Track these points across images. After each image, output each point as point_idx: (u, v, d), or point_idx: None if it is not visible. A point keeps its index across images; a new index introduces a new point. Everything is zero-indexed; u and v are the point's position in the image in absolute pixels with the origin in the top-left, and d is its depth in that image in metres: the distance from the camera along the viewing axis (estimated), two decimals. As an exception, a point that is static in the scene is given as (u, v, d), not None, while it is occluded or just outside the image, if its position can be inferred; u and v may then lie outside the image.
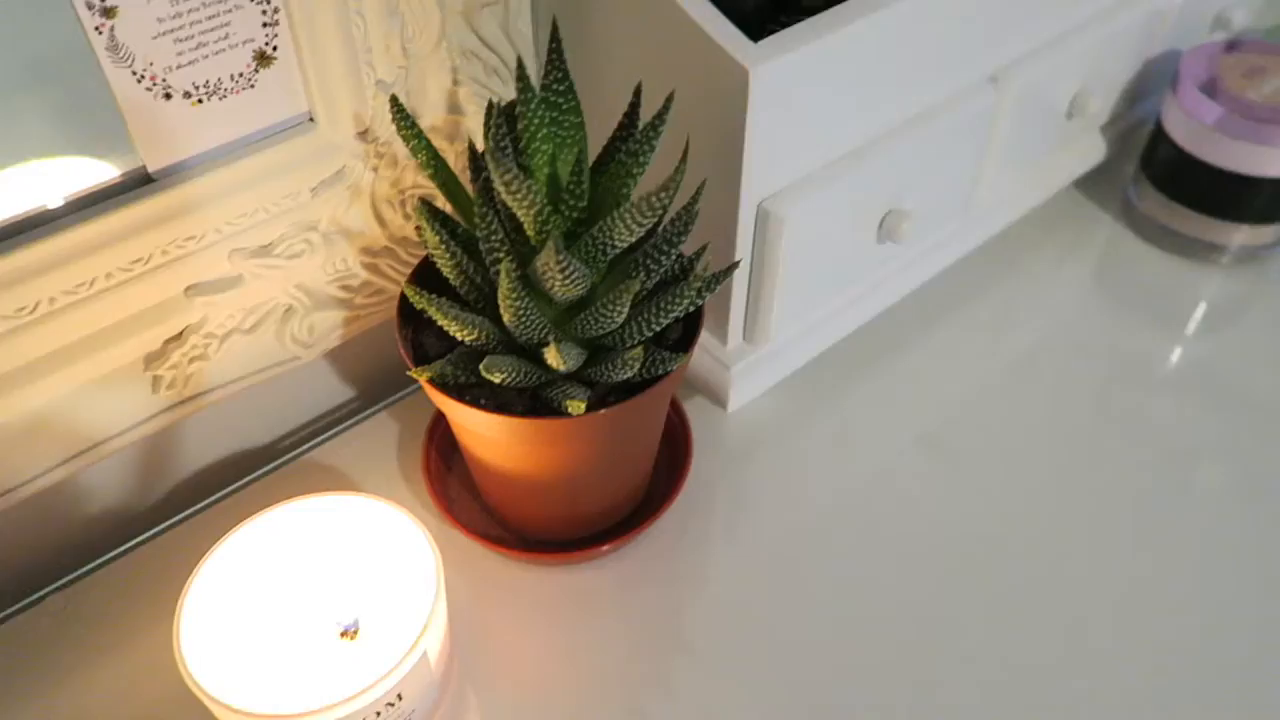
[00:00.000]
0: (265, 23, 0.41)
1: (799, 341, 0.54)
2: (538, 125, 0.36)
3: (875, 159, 0.48)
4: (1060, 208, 0.67)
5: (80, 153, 0.40)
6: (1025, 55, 0.54)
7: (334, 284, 0.49)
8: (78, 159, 0.40)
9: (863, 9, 0.43)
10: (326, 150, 0.45)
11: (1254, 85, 0.59)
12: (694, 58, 0.42)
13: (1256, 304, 0.62)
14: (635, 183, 0.37)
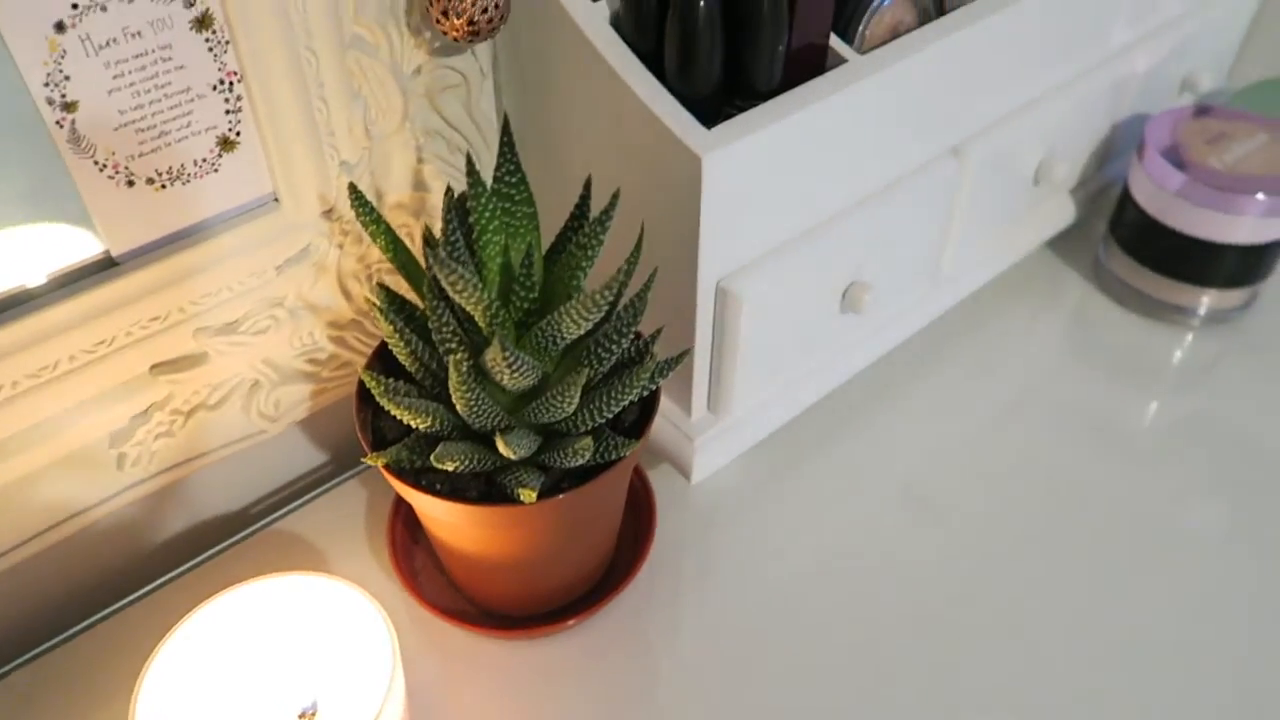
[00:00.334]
0: (228, 110, 0.42)
1: (765, 410, 0.54)
2: (489, 217, 0.37)
3: (835, 233, 0.49)
4: (1031, 268, 0.67)
5: (43, 239, 0.41)
6: (988, 126, 0.55)
7: (300, 358, 0.50)
8: (40, 245, 0.40)
9: (816, 94, 0.44)
10: (291, 229, 0.46)
11: (1217, 152, 0.59)
12: (649, 142, 0.42)
13: (1226, 365, 0.62)
14: (585, 274, 0.38)
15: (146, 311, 0.43)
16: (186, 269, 0.43)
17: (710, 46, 0.42)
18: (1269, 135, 0.61)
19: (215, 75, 0.41)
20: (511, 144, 0.37)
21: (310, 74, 0.42)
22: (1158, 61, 0.64)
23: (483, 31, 0.41)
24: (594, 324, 0.36)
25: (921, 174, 0.52)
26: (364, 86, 0.44)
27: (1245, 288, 0.62)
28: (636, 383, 0.38)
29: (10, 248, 0.39)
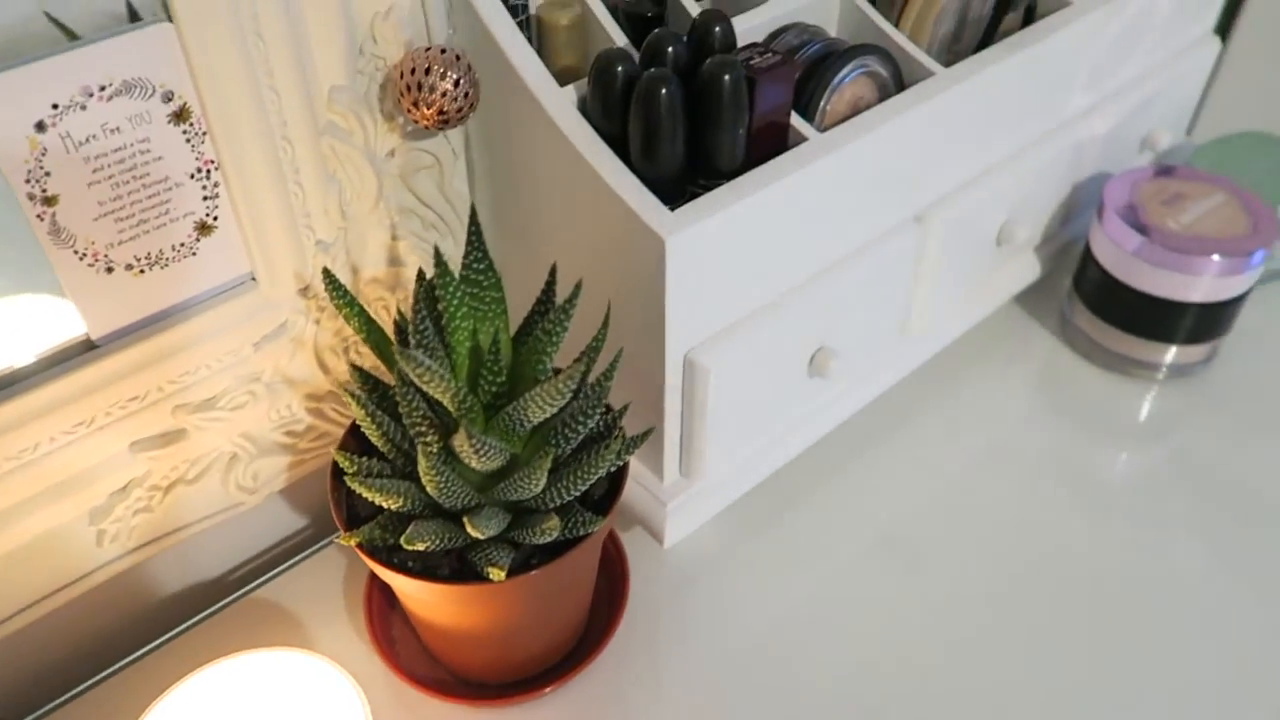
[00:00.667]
0: (206, 196, 0.43)
1: (737, 473, 0.55)
2: (457, 304, 0.38)
3: (799, 303, 0.50)
4: (1000, 323, 0.68)
5: (25, 323, 0.42)
6: (949, 193, 0.56)
7: (278, 430, 0.50)
8: (21, 329, 0.42)
9: (777, 172, 0.45)
10: (268, 307, 0.47)
11: (1174, 213, 0.61)
12: (615, 223, 0.44)
13: (1191, 417, 0.63)
14: (551, 358, 0.39)
15: (126, 392, 0.44)
16: (165, 349, 0.45)
17: (672, 131, 0.43)
18: (1225, 195, 0.62)
19: (193, 164, 0.42)
20: (479, 233, 0.39)
21: (286, 160, 0.44)
22: (1116, 123, 0.66)
23: (453, 120, 0.42)
24: (559, 407, 0.37)
25: (884, 242, 0.53)
26: (339, 170, 0.45)
27: (1206, 343, 0.63)
28: (602, 462, 0.39)
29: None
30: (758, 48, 0.46)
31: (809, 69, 0.51)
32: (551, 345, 0.39)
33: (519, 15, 0.47)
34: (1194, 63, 0.70)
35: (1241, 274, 0.60)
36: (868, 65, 0.51)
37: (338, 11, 0.41)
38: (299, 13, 0.41)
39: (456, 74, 0.41)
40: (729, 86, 0.43)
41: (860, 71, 0.51)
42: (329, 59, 0.42)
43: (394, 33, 0.43)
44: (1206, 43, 0.71)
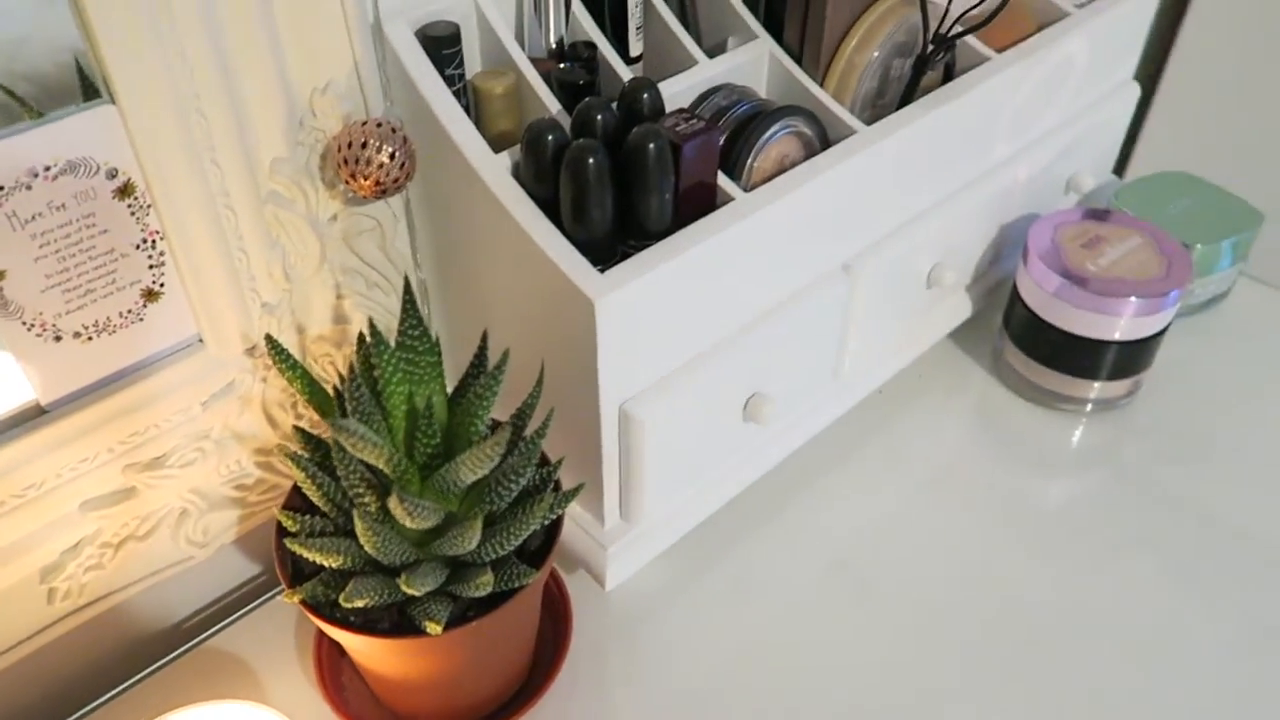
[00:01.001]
0: (151, 265, 0.45)
1: (677, 515, 0.57)
2: (392, 370, 0.40)
3: (732, 352, 0.52)
4: (935, 360, 0.71)
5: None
6: (876, 242, 0.59)
7: (228, 485, 0.52)
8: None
9: (704, 232, 0.48)
10: (216, 367, 0.49)
11: (1093, 256, 0.64)
12: (547, 284, 0.46)
13: (1116, 449, 0.66)
14: (483, 421, 0.41)
15: (77, 454, 0.46)
16: (114, 411, 0.46)
17: (601, 196, 0.45)
18: (1142, 238, 0.65)
19: (138, 236, 0.44)
20: (413, 301, 0.40)
21: (230, 228, 0.45)
22: (1041, 168, 0.69)
23: (390, 190, 0.44)
24: (491, 468, 0.39)
25: (813, 291, 0.56)
26: (282, 235, 0.47)
27: (1129, 378, 0.66)
28: (534, 518, 0.41)
29: (-59, 405, 0.42)
30: (684, 113, 0.48)
31: (737, 128, 0.53)
32: (482, 408, 0.40)
33: (455, 84, 0.49)
34: (1115, 108, 0.73)
35: (1158, 313, 0.62)
36: (793, 125, 0.53)
37: (277, 88, 0.43)
38: (239, 90, 0.42)
39: (392, 146, 0.43)
40: (653, 154, 0.45)
41: (786, 131, 0.53)
42: (270, 132, 0.44)
43: (332, 107, 0.45)
44: (1127, 88, 0.74)
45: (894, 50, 0.57)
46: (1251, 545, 0.60)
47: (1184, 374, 0.70)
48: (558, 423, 0.51)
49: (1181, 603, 0.57)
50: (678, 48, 0.55)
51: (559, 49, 0.53)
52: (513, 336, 0.53)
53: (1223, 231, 0.71)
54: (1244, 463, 0.65)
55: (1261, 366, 0.71)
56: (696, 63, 0.54)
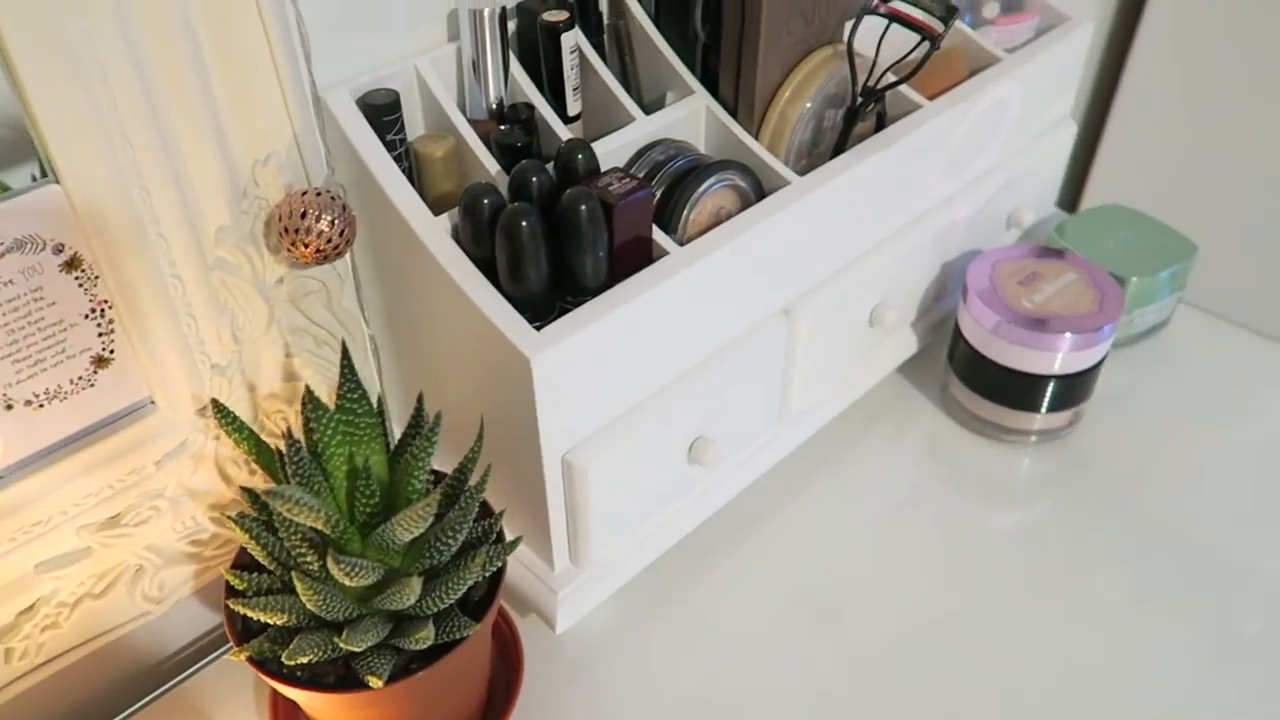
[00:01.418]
0: (101, 333, 0.46)
1: (627, 557, 0.58)
2: (331, 434, 0.42)
3: (672, 399, 0.54)
4: (884, 394, 0.73)
5: (-71, 461, 0.44)
6: (816, 286, 0.61)
7: (183, 540, 0.53)
8: (-74, 468, 0.44)
9: (639, 287, 0.49)
10: (168, 428, 0.50)
11: (1029, 293, 0.66)
12: (487, 342, 0.47)
13: (1060, 479, 0.68)
14: (421, 480, 0.42)
15: (30, 518, 0.47)
16: (67, 475, 0.47)
17: (535, 257, 0.47)
18: (1076, 274, 0.68)
19: (87, 306, 0.45)
20: (350, 366, 0.42)
21: (177, 295, 0.47)
22: (980, 207, 0.71)
23: (330, 256, 0.46)
24: (427, 526, 0.41)
25: (753, 336, 0.57)
26: (230, 300, 0.49)
27: (1069, 409, 0.68)
28: (471, 572, 0.42)
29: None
30: (618, 172, 0.50)
31: (673, 182, 0.55)
32: (419, 468, 0.42)
33: (397, 149, 0.51)
34: (1052, 146, 0.76)
35: (1093, 347, 0.64)
36: (728, 178, 0.55)
37: (219, 161, 0.45)
38: (182, 164, 0.44)
39: (331, 215, 0.45)
40: (585, 215, 0.47)
41: (721, 184, 0.55)
42: (214, 203, 0.46)
43: (274, 177, 0.46)
44: (1063, 126, 0.77)
45: (826, 101, 0.60)
46: (1196, 567, 0.61)
47: (1126, 401, 0.72)
48: (505, 471, 0.52)
49: (1131, 624, 0.59)
50: (616, 105, 0.57)
51: (499, 110, 0.54)
52: (459, 390, 0.54)
53: (1160, 263, 0.73)
54: (1185, 487, 0.66)
55: (1201, 392, 0.73)
56: (634, 119, 0.56)
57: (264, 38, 0.43)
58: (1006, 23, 0.70)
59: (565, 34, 0.53)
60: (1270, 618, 0.59)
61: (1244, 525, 0.64)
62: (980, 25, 0.70)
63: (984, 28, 0.70)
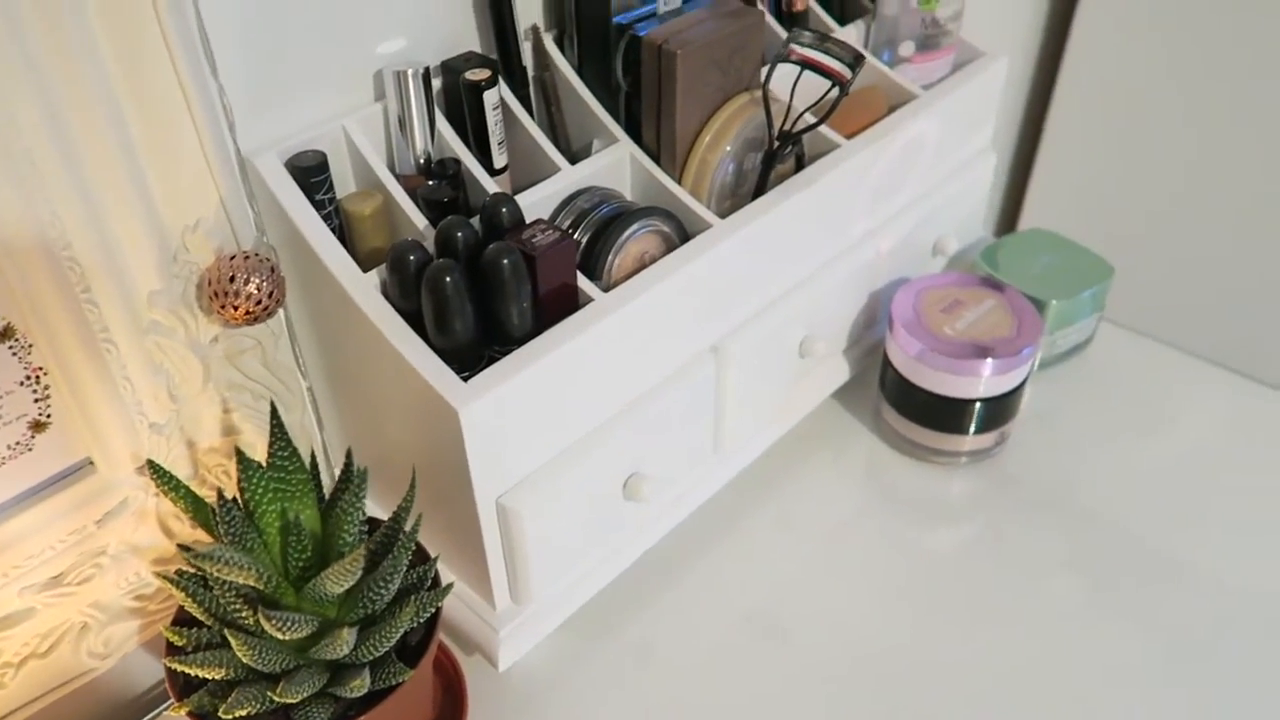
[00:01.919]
0: (37, 399, 0.47)
1: (568, 592, 0.60)
2: (263, 492, 0.43)
3: (604, 439, 0.56)
4: (821, 420, 0.75)
5: None
6: (743, 322, 0.63)
7: (127, 596, 0.54)
8: None
9: (565, 334, 0.51)
10: (108, 488, 0.51)
11: (950, 320, 0.68)
12: (417, 393, 0.49)
13: (990, 497, 0.70)
14: (351, 533, 0.44)
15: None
16: (8, 539, 0.48)
17: (460, 310, 0.49)
18: (995, 300, 0.70)
19: (21, 374, 0.46)
20: (280, 425, 0.43)
21: (113, 359, 0.48)
22: (903, 237, 0.73)
23: (260, 317, 0.47)
24: (357, 579, 0.42)
25: (682, 375, 0.59)
26: (165, 361, 0.50)
27: (995, 430, 0.70)
28: (403, 620, 0.44)
29: None
30: (542, 224, 0.52)
31: (599, 228, 0.57)
32: (349, 521, 0.43)
33: (326, 208, 0.52)
34: (973, 176, 0.79)
35: (1014, 370, 0.67)
36: (651, 224, 0.57)
37: (148, 230, 0.46)
38: (111, 234, 0.45)
39: (260, 278, 0.46)
40: (508, 269, 0.49)
41: (645, 230, 0.57)
42: (145, 269, 0.47)
43: (203, 242, 0.48)
44: (984, 155, 0.80)
45: (746, 145, 0.62)
46: (1131, 571, 0.64)
47: (1053, 418, 0.75)
48: (443, 515, 0.54)
49: (1073, 630, 0.61)
50: (541, 156, 0.59)
51: (427, 165, 0.56)
52: (395, 436, 0.56)
53: (1079, 285, 0.76)
54: (1112, 497, 0.69)
55: (1124, 406, 0.76)
56: (560, 169, 0.58)
57: (186, 110, 0.45)
58: (923, 60, 0.72)
59: (487, 92, 0.55)
60: (1204, 614, 0.62)
61: (1175, 529, 0.67)
62: (898, 63, 0.72)
63: (901, 65, 0.72)
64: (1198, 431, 0.74)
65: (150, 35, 0.42)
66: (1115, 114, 1.12)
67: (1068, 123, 1.16)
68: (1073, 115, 1.15)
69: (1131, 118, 1.12)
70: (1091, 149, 1.16)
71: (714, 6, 0.60)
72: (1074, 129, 1.16)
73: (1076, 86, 1.14)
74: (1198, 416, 0.75)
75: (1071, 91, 1.15)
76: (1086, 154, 1.16)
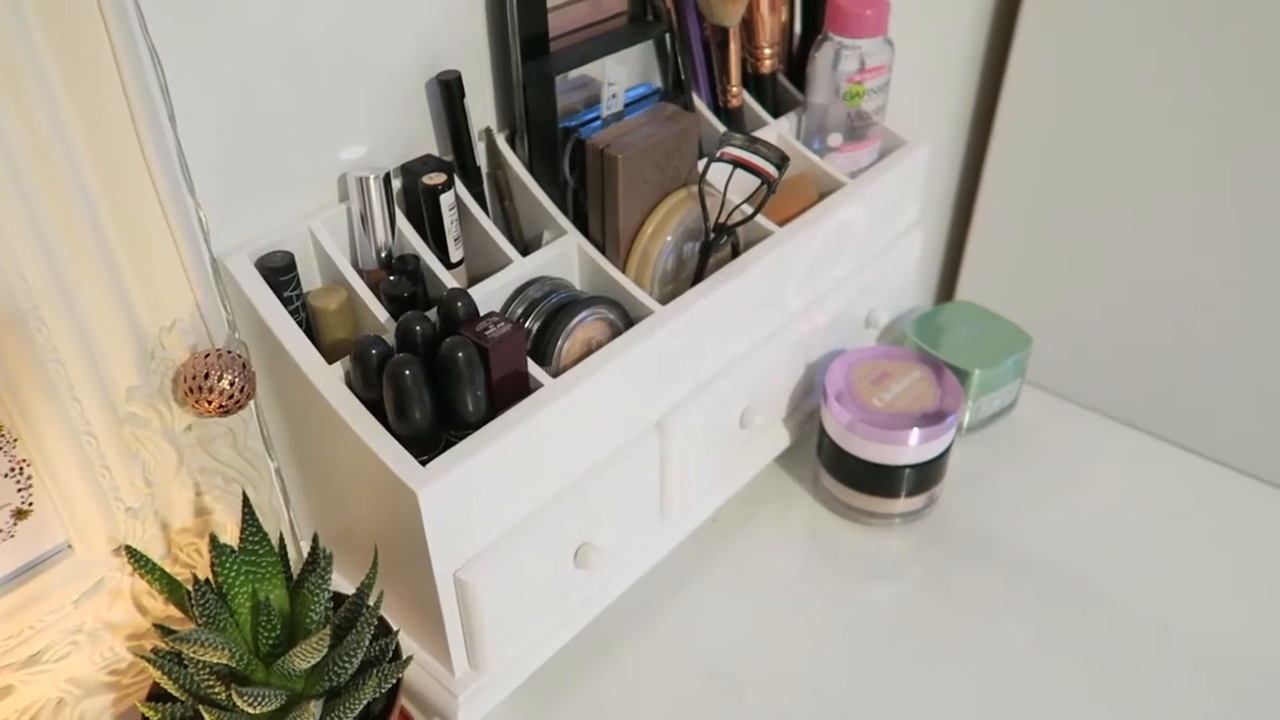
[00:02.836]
0: (20, 488, 0.51)
1: (524, 656, 0.64)
2: (235, 574, 0.47)
3: (556, 512, 0.60)
4: (764, 485, 0.79)
5: None
6: (684, 399, 0.67)
7: (102, 671, 0.57)
8: None
9: (517, 418, 0.55)
10: (85, 569, 0.54)
11: (879, 392, 0.74)
12: (379, 477, 0.53)
13: (923, 555, 0.75)
14: (318, 611, 0.47)
15: (-46, 662, 0.51)
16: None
17: (419, 399, 0.53)
18: (922, 371, 0.76)
19: (7, 466, 0.50)
20: (251, 513, 0.47)
21: (92, 450, 0.51)
22: (837, 312, 0.78)
23: (232, 410, 0.51)
24: (322, 656, 0.46)
25: (628, 450, 0.64)
26: (141, 450, 0.53)
27: (924, 493, 0.75)
28: (366, 692, 0.47)
29: None
30: (494, 316, 0.57)
31: (549, 316, 0.62)
32: (315, 602, 0.47)
33: (294, 304, 0.56)
34: (901, 252, 0.84)
35: (938, 438, 0.72)
36: (597, 311, 0.62)
37: (127, 332, 0.50)
38: (93, 336, 0.49)
39: (232, 374, 0.50)
40: (462, 361, 0.53)
41: (591, 317, 0.62)
42: (123, 367, 0.51)
43: (179, 340, 0.52)
44: (911, 234, 0.86)
45: (685, 235, 0.67)
46: (1053, 623, 0.69)
47: (981, 479, 0.80)
48: (404, 587, 0.58)
49: (1012, 677, 0.66)
50: (495, 249, 0.63)
51: (388, 260, 0.61)
52: (358, 515, 0.59)
53: (1001, 354, 0.81)
54: (1037, 551, 0.74)
55: (1044, 466, 0.81)
56: (512, 261, 0.63)
57: (165, 224, 0.49)
58: (850, 149, 0.78)
59: (443, 194, 0.59)
60: (1127, 647, 0.67)
61: (1097, 575, 0.72)
62: (826, 153, 0.78)
63: (830, 154, 0.78)
64: (1112, 487, 0.80)
65: (133, 162, 0.47)
66: (1040, 190, 1.20)
67: (996, 199, 1.24)
68: (1000, 192, 1.24)
69: (1056, 193, 1.19)
70: (1020, 222, 1.24)
71: (653, 112, 0.65)
72: (1003, 205, 1.24)
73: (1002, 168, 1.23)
74: (1112, 473, 0.81)
75: (998, 173, 1.23)
76: (1015, 227, 1.25)
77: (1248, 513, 0.78)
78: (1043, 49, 1.14)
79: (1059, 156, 1.17)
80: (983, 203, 1.25)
